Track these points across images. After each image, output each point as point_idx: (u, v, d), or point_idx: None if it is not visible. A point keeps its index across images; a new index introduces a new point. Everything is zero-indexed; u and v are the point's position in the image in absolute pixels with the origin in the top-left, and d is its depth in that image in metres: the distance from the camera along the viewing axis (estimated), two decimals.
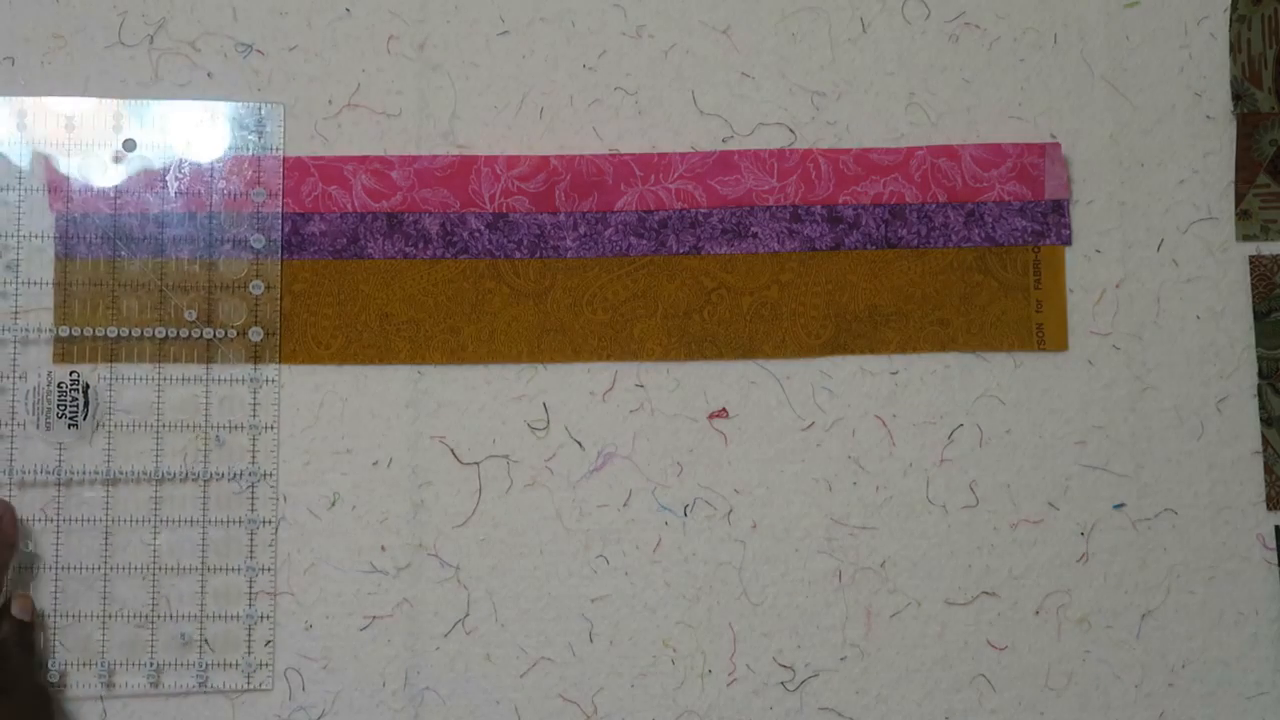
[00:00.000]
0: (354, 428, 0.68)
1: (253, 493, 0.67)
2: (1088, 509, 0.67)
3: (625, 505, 0.67)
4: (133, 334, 0.68)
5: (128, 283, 0.68)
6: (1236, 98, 0.69)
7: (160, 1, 0.69)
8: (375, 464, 0.68)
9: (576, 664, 0.67)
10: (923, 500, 0.67)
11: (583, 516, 0.67)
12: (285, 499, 0.67)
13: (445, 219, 0.68)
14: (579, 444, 0.68)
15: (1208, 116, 0.69)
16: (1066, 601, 0.67)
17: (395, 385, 0.68)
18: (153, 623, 0.67)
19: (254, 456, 0.67)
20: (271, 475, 0.67)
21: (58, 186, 0.68)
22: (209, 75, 0.69)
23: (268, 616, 0.67)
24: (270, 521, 0.67)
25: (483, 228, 0.68)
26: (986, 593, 0.67)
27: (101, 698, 0.66)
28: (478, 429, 0.68)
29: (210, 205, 0.68)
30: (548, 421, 0.68)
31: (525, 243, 0.68)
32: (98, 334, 0.68)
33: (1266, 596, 0.67)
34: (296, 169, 0.69)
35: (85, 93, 0.69)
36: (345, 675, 0.67)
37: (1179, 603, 0.67)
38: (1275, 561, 0.67)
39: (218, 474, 0.67)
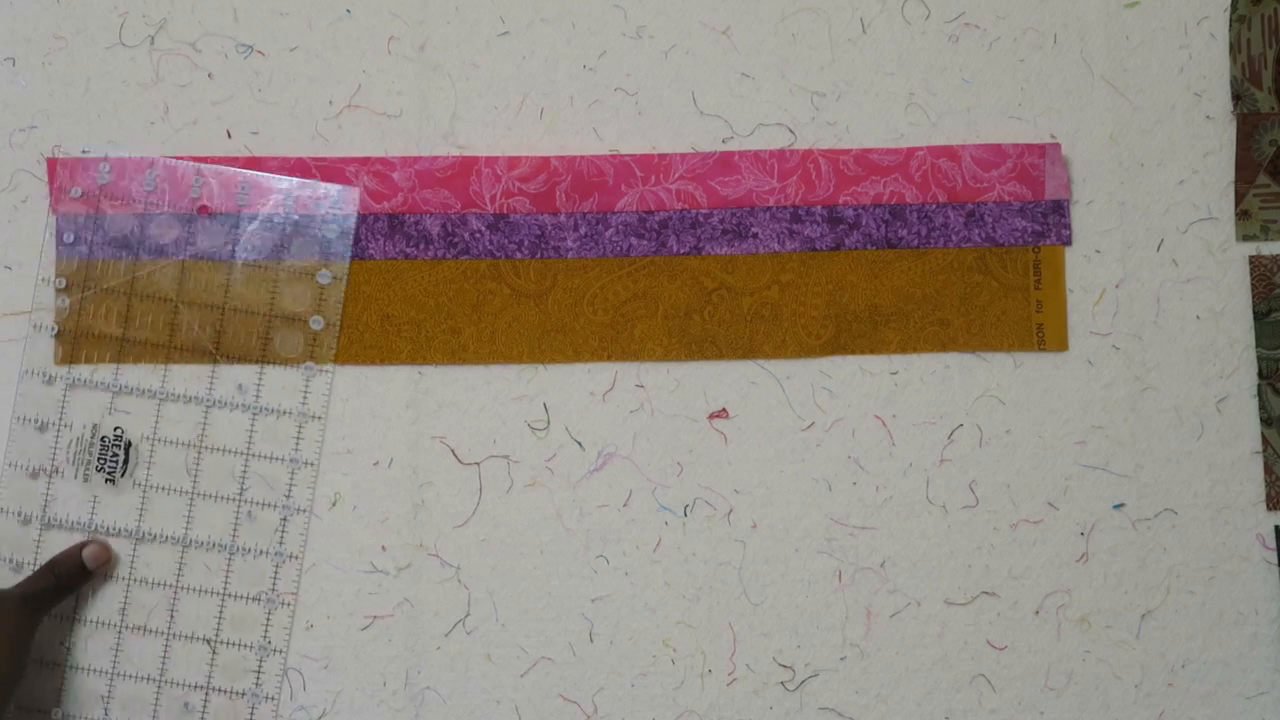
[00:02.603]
0: (355, 428, 0.68)
1: (276, 572, 0.67)
2: (1087, 509, 0.67)
3: (625, 505, 0.67)
4: (182, 395, 0.67)
5: (182, 345, 0.67)
6: (1236, 98, 0.69)
7: (160, 2, 0.70)
8: (376, 464, 0.68)
9: (576, 664, 0.67)
10: (923, 500, 0.67)
11: (583, 516, 0.67)
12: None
13: (446, 220, 0.68)
14: (579, 444, 0.68)
15: (1208, 116, 0.69)
16: (1066, 601, 0.67)
17: (396, 386, 0.68)
18: (159, 687, 0.66)
19: (282, 537, 0.67)
20: (297, 558, 0.67)
21: (130, 245, 0.68)
22: (209, 76, 0.69)
23: (273, 698, 0.66)
24: (289, 603, 0.67)
25: (483, 228, 0.68)
26: (986, 593, 0.67)
27: None
28: (478, 429, 0.68)
29: (275, 283, 0.68)
30: (548, 421, 0.68)
31: (526, 243, 0.68)
32: (146, 390, 0.67)
33: (1266, 596, 0.67)
34: (298, 170, 0.69)
35: (86, 93, 0.69)
36: (346, 675, 0.67)
37: (1179, 603, 0.67)
38: (1275, 561, 0.67)
39: (244, 549, 0.67)
